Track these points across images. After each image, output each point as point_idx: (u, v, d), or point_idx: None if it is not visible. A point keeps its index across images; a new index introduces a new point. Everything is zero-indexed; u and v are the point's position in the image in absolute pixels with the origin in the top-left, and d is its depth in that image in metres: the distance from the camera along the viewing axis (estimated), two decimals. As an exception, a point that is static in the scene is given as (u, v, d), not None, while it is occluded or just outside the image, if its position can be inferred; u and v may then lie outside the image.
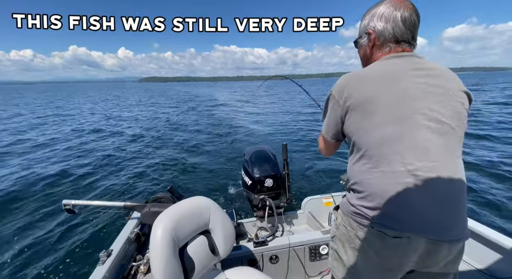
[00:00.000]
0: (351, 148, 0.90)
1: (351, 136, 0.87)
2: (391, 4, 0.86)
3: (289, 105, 16.87)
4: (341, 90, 0.87)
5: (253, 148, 2.27)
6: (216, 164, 5.58)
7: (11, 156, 6.59)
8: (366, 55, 0.96)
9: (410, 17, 0.85)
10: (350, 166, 0.91)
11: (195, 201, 1.28)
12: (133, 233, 1.60)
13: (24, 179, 5.05)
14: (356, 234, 0.86)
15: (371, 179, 0.81)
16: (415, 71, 0.83)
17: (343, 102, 0.86)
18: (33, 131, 10.14)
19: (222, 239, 1.27)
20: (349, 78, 0.89)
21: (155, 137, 8.48)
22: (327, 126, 0.97)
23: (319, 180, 4.42)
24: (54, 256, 2.81)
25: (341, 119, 0.89)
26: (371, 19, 0.89)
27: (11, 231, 3.28)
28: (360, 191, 0.85)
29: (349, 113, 0.85)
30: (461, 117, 0.82)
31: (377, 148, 0.80)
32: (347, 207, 0.91)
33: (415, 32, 0.88)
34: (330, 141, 0.99)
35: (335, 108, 0.90)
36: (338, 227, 0.95)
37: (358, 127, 0.84)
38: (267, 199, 1.90)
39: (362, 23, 0.94)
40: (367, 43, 0.93)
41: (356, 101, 0.83)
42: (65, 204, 1.60)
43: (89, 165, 5.73)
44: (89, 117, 13.96)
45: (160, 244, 1.02)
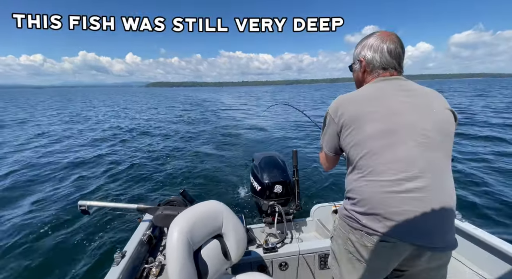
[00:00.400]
0: (347, 160, 1.01)
1: (346, 149, 0.98)
2: (379, 37, 0.99)
3: (299, 112, 16.88)
4: (336, 109, 0.99)
5: (262, 154, 2.29)
6: (226, 168, 5.63)
7: (32, 157, 6.88)
8: (359, 78, 1.09)
9: (395, 49, 0.98)
10: (346, 176, 1.02)
11: (209, 204, 1.30)
12: (146, 235, 1.62)
13: (40, 177, 5.30)
14: (348, 236, 0.95)
15: (361, 187, 0.90)
16: (401, 92, 0.93)
17: (338, 120, 0.97)
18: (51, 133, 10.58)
19: (234, 244, 1.28)
20: (343, 99, 1.01)
21: (167, 141, 8.67)
22: (326, 142, 1.08)
23: (328, 188, 4.38)
24: (70, 254, 2.90)
25: (337, 134, 1.00)
26: (362, 49, 1.03)
27: (27, 230, 3.39)
28: (353, 198, 0.93)
29: (343, 129, 0.96)
30: (446, 132, 0.89)
31: (366, 159, 0.89)
32: (342, 211, 1.02)
33: (401, 61, 1.01)
34: (329, 155, 1.10)
35: (331, 125, 1.01)
36: (335, 229, 1.06)
37: (350, 141, 0.94)
38: (276, 205, 1.90)
39: (355, 51, 1.07)
40: (359, 69, 1.06)
41: (348, 118, 0.94)
42: (80, 205, 1.64)
43: (103, 167, 5.91)
44: (105, 121, 14.41)
45: (176, 246, 1.04)
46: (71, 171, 5.71)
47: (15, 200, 4.33)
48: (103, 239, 3.12)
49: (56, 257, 2.89)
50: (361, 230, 0.89)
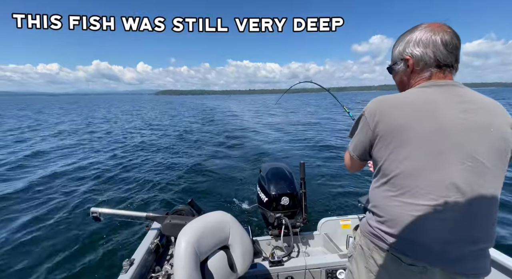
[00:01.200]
0: (376, 172, 0.89)
1: (378, 161, 0.87)
2: (428, 29, 0.83)
3: (310, 122, 16.84)
4: (373, 113, 0.85)
5: (269, 165, 2.29)
6: (233, 178, 5.65)
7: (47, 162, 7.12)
8: (403, 81, 0.94)
9: (451, 41, 0.81)
10: (373, 188, 0.91)
11: (217, 215, 1.30)
12: (153, 243, 1.64)
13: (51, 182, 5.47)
14: (372, 255, 0.88)
15: (392, 207, 0.82)
16: (457, 104, 0.78)
17: (373, 126, 0.84)
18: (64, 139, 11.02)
19: (240, 256, 1.27)
20: (383, 101, 0.86)
21: (175, 150, 8.80)
22: (354, 145, 0.96)
23: (336, 201, 4.29)
24: (80, 259, 2.97)
25: (369, 141, 0.88)
26: (407, 46, 0.87)
27: (39, 235, 3.49)
28: (379, 215, 0.86)
29: (379, 138, 0.84)
30: (502, 155, 0.77)
31: (403, 179, 0.79)
32: (365, 227, 0.93)
33: (458, 56, 0.84)
34: (356, 160, 0.99)
35: (365, 129, 0.88)
36: (355, 247, 0.97)
37: (386, 155, 0.82)
38: (283, 217, 1.89)
39: (396, 50, 0.92)
40: (404, 69, 0.90)
41: (388, 127, 0.81)
42: (92, 212, 1.67)
43: (113, 174, 6.06)
44: (119, 129, 14.83)
45: (184, 256, 1.04)
46: (83, 178, 5.88)
47: (29, 204, 4.48)
48: (113, 245, 3.18)
49: (68, 261, 2.96)
50: (387, 250, 0.83)
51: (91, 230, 3.53)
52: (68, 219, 3.90)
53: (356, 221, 2.09)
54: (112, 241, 3.25)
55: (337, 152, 7.97)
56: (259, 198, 2.10)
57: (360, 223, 0.99)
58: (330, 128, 13.79)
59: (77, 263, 2.90)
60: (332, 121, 17.27)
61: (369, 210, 0.93)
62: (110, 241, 3.27)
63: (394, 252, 0.81)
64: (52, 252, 3.12)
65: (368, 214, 0.94)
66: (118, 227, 3.50)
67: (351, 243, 1.03)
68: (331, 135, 11.53)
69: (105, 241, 3.27)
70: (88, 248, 3.16)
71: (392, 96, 0.87)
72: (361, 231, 0.96)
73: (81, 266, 2.86)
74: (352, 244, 1.01)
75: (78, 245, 3.24)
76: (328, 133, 12.13)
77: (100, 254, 3.03)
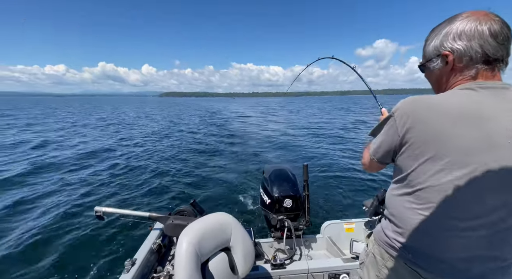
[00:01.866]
0: (399, 179, 0.81)
1: (403, 169, 0.78)
2: (471, 18, 0.71)
3: (313, 125, 16.83)
4: (404, 116, 0.73)
5: (273, 167, 2.28)
6: (236, 179, 5.66)
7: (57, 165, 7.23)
8: (440, 81, 0.81)
9: (501, 31, 0.68)
10: (392, 195, 0.84)
11: (219, 216, 1.29)
12: (155, 244, 1.64)
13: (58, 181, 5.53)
14: (386, 264, 0.85)
15: (413, 220, 0.76)
16: (507, 112, 0.66)
17: (403, 131, 0.73)
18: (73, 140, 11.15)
19: (242, 258, 1.26)
20: (418, 103, 0.73)
21: (179, 151, 8.86)
22: (376, 148, 0.86)
23: (340, 204, 4.26)
24: (81, 258, 3.00)
25: (395, 147, 0.78)
26: (445, 39, 0.74)
27: (42, 232, 3.52)
28: (397, 226, 0.81)
29: (408, 146, 0.74)
30: None
31: (431, 193, 0.71)
32: (380, 236, 0.88)
33: (509, 48, 0.72)
34: (375, 163, 0.90)
35: (391, 133, 0.78)
36: (368, 255, 0.94)
37: (414, 165, 0.73)
38: (285, 220, 1.88)
39: (431, 45, 0.79)
40: (442, 67, 0.78)
41: (421, 135, 0.70)
42: (96, 210, 1.67)
43: (116, 174, 6.13)
44: (126, 129, 15.03)
45: (185, 257, 1.04)
46: (88, 177, 5.95)
47: (33, 201, 4.55)
48: (115, 245, 3.21)
49: (70, 259, 3.00)
50: (405, 263, 0.79)
51: (95, 228, 3.57)
52: (72, 217, 3.95)
53: (360, 225, 2.07)
54: (115, 241, 3.29)
55: (340, 154, 7.94)
56: (262, 200, 2.09)
57: (375, 231, 0.95)
58: (333, 131, 13.72)
59: (80, 262, 2.94)
60: (335, 123, 17.21)
61: (386, 218, 0.87)
62: (113, 240, 3.30)
63: (412, 266, 0.77)
64: (54, 250, 3.15)
65: (384, 222, 0.89)
66: (121, 227, 3.53)
67: (364, 250, 1.00)
68: (335, 137, 11.49)
69: (108, 240, 3.30)
70: (91, 247, 3.19)
71: (429, 97, 0.74)
72: (375, 239, 0.92)
73: (83, 264, 2.88)
74: (365, 251, 0.98)
75: (81, 243, 3.28)
76: (331, 135, 12.08)
77: (102, 253, 3.06)
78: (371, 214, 1.84)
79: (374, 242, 0.92)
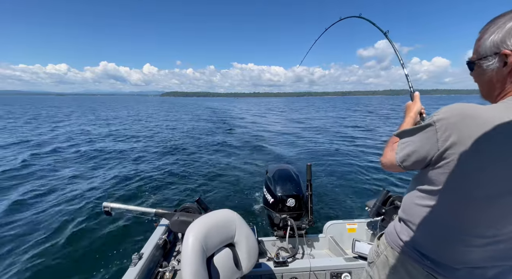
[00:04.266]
0: (426, 190, 0.75)
1: (434, 183, 0.71)
2: None
3: (317, 124, 16.83)
4: (447, 127, 0.64)
5: (276, 166, 2.30)
6: (240, 178, 5.71)
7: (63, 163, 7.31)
8: (491, 83, 0.71)
9: None
10: (414, 203, 0.79)
11: (223, 213, 1.32)
12: (161, 239, 1.67)
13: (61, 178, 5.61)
14: (399, 267, 0.84)
15: (435, 231, 0.75)
16: None
17: (445, 146, 0.65)
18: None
19: (245, 254, 1.29)
20: (467, 116, 0.63)
21: (185, 150, 8.91)
22: (406, 155, 0.76)
23: (343, 204, 4.27)
24: (91, 251, 3.10)
25: (429, 160, 0.70)
26: (508, 36, 0.63)
27: (53, 226, 3.62)
28: (415, 233, 0.79)
29: (447, 161, 0.66)
30: None
31: (463, 214, 0.67)
32: (395, 239, 0.87)
33: None
34: (400, 168, 0.81)
35: (428, 143, 0.69)
36: (379, 255, 0.94)
37: (450, 182, 0.67)
38: (288, 219, 1.90)
39: (489, 40, 0.67)
40: (499, 68, 0.67)
41: (466, 154, 0.62)
42: (104, 206, 1.71)
43: (123, 172, 6.19)
44: (133, 128, 15.16)
45: (191, 251, 1.07)
46: (98, 174, 6.07)
47: (42, 197, 4.65)
48: (123, 239, 3.30)
49: (80, 252, 3.09)
50: (421, 267, 0.78)
51: (103, 223, 3.66)
52: (81, 212, 4.04)
53: (363, 226, 2.09)
54: (122, 235, 3.37)
55: (344, 154, 7.94)
56: (265, 199, 2.12)
57: (387, 233, 0.93)
58: (337, 130, 13.72)
59: (89, 254, 3.03)
60: (339, 123, 17.20)
61: (402, 222, 0.85)
62: (120, 235, 3.39)
63: (429, 271, 0.77)
64: (65, 243, 3.24)
65: (398, 226, 0.87)
66: (128, 222, 3.61)
67: (373, 250, 0.99)
68: (338, 137, 11.49)
69: (115, 235, 3.39)
70: (99, 241, 3.28)
71: (481, 109, 0.63)
72: (387, 241, 0.90)
73: (93, 257, 2.98)
74: (375, 252, 0.97)
75: (91, 237, 3.37)
76: (336, 135, 12.08)
77: (110, 247, 3.14)
78: (374, 214, 1.87)
79: (386, 245, 0.91)
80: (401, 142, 0.80)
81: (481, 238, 0.68)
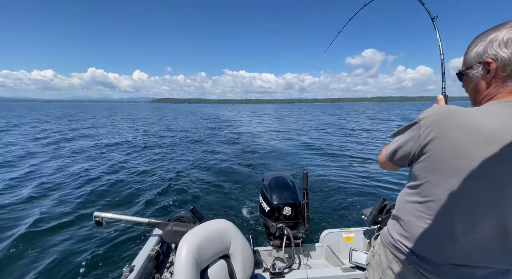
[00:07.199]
0: (412, 185, 0.81)
1: (417, 178, 0.78)
2: None
3: (313, 131, 16.99)
4: (430, 126, 0.71)
5: (272, 174, 2.29)
6: (236, 186, 5.61)
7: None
8: (478, 90, 0.77)
9: None
10: (404, 200, 0.85)
11: (218, 223, 1.29)
12: (154, 250, 1.61)
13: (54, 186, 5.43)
14: (390, 265, 0.87)
15: (420, 228, 0.77)
16: None
17: (425, 141, 0.72)
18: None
19: (241, 266, 1.26)
20: (448, 114, 0.69)
21: (179, 157, 8.74)
22: (393, 150, 0.85)
23: (339, 212, 4.25)
24: (79, 264, 2.90)
25: (413, 155, 0.77)
26: (489, 46, 0.70)
27: (39, 238, 3.42)
28: (404, 229, 0.83)
29: (426, 157, 0.73)
30: None
31: (440, 207, 0.72)
32: (386, 238, 0.91)
33: None
34: (389, 163, 0.90)
35: (412, 140, 0.76)
36: (374, 255, 0.97)
37: (429, 177, 0.73)
38: (285, 228, 1.88)
39: (474, 51, 0.75)
40: (482, 75, 0.74)
41: (443, 149, 0.68)
42: (95, 216, 1.64)
43: (115, 180, 5.98)
44: (125, 134, 14.71)
45: (184, 264, 1.03)
46: (87, 182, 5.82)
47: (30, 207, 4.41)
48: (114, 251, 3.13)
49: (68, 265, 2.91)
50: (408, 263, 0.82)
51: (93, 235, 3.47)
52: (71, 223, 3.85)
53: (359, 234, 2.09)
54: (113, 247, 3.20)
55: (340, 162, 8.01)
56: (261, 207, 2.09)
57: (382, 233, 0.97)
58: (333, 138, 13.88)
59: (77, 268, 2.85)
60: (336, 131, 17.43)
61: (393, 219, 0.89)
62: (111, 246, 3.21)
63: (416, 267, 0.80)
64: (51, 255, 3.05)
65: (391, 224, 0.91)
66: (120, 233, 3.45)
67: (370, 251, 1.02)
68: (334, 145, 11.58)
69: (106, 246, 3.21)
70: (89, 253, 3.10)
71: (462, 110, 0.69)
72: (381, 241, 0.94)
73: (81, 270, 2.81)
74: (371, 253, 1.01)
75: (79, 249, 3.19)
76: (331, 143, 12.19)
77: (100, 259, 2.98)
78: (370, 223, 1.87)
79: (380, 244, 0.95)
80: (393, 139, 0.88)
81: (462, 234, 0.71)
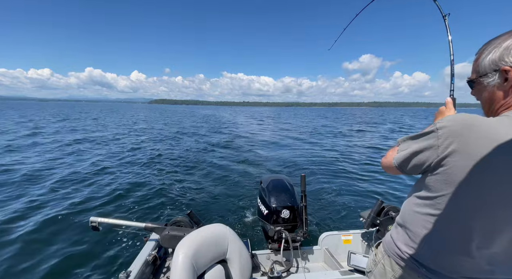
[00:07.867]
0: (425, 196, 0.76)
1: (432, 189, 0.73)
2: None
3: (310, 134, 17.04)
4: (450, 136, 0.66)
5: (270, 177, 2.28)
6: (233, 189, 5.58)
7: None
8: (493, 98, 0.73)
9: None
10: (413, 210, 0.80)
11: (215, 228, 1.28)
12: (151, 255, 1.59)
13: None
14: (395, 276, 0.85)
15: (433, 240, 0.75)
16: None
17: (445, 153, 0.66)
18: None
19: (238, 271, 1.25)
20: (469, 126, 0.64)
21: (176, 161, 8.64)
22: (403, 157, 0.79)
23: (338, 215, 4.24)
24: (75, 270, 2.84)
25: (428, 165, 0.72)
26: (505, 53, 0.67)
27: (35, 243, 3.34)
28: (413, 241, 0.80)
29: (445, 168, 0.67)
30: None
31: (462, 224, 0.68)
32: (391, 247, 0.88)
33: None
34: (396, 170, 0.84)
35: (428, 150, 0.71)
36: (376, 264, 0.95)
37: (447, 190, 0.68)
38: (283, 231, 1.86)
39: (487, 58, 0.71)
40: (499, 83, 0.70)
41: (465, 163, 0.63)
42: (92, 221, 1.62)
43: (111, 184, 5.87)
44: (120, 137, 14.41)
45: (181, 270, 1.02)
46: (83, 187, 5.70)
47: (26, 211, 4.30)
48: (110, 256, 3.06)
49: (63, 270, 2.84)
50: (417, 276, 0.79)
51: (89, 239, 3.40)
52: (66, 228, 3.76)
53: (358, 237, 2.08)
54: (109, 252, 3.14)
55: (337, 164, 8.02)
56: (259, 210, 2.08)
57: (384, 242, 0.94)
58: (331, 141, 13.92)
59: (73, 274, 2.79)
60: (332, 134, 17.51)
61: (398, 229, 0.86)
62: (108, 251, 3.15)
63: (423, 278, 0.78)
64: (46, 261, 2.97)
65: (395, 233, 0.88)
66: (117, 237, 3.38)
67: (371, 259, 1.00)
68: (332, 147, 11.60)
69: (102, 252, 3.15)
70: (84, 259, 3.04)
71: (484, 120, 0.65)
72: (385, 250, 0.92)
73: (76, 277, 2.74)
74: (373, 261, 0.98)
75: (75, 255, 3.12)
76: (329, 146, 12.22)
77: (97, 265, 2.91)
78: (368, 225, 1.87)
79: (384, 253, 0.92)
80: (403, 145, 0.82)
81: (478, 249, 0.69)
